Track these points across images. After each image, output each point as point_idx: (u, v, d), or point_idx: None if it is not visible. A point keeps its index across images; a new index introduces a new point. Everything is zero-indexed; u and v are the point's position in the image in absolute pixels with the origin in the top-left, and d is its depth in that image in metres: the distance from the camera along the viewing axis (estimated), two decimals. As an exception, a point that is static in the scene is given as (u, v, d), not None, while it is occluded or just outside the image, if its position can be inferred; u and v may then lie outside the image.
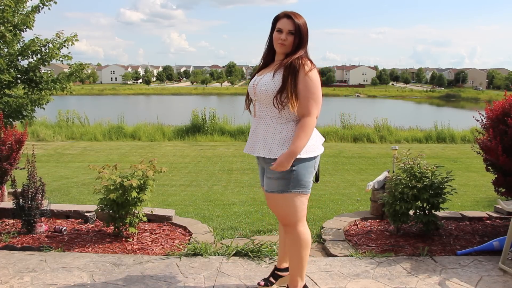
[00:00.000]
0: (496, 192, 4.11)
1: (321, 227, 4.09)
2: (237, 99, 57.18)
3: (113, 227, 3.76)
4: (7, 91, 7.94)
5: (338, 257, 3.40)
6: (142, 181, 3.63)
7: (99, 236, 3.80)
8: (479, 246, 3.51)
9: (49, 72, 8.45)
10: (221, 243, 3.66)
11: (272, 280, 2.83)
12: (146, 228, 4.00)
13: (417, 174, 3.74)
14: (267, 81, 2.45)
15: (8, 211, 4.19)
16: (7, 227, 4.00)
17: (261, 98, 2.47)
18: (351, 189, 7.27)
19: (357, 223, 4.27)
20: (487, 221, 4.34)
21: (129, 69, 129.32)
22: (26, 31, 7.73)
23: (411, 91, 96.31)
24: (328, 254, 3.52)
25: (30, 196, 3.78)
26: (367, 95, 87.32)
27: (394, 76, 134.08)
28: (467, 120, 13.71)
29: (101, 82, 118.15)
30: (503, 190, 3.99)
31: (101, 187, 3.65)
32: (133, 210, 3.67)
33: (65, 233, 3.83)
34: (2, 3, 7.09)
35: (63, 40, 8.08)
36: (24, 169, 4.02)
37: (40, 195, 3.83)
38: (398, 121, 18.19)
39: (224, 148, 13.18)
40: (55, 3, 7.89)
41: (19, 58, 7.80)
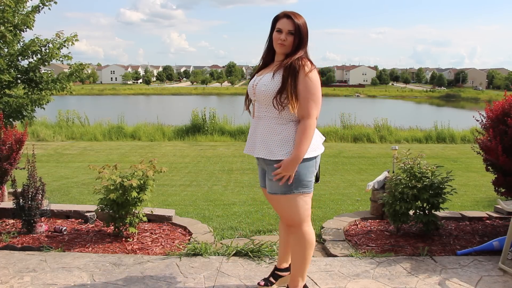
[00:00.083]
0: (496, 192, 4.11)
1: (321, 227, 4.09)
2: (237, 99, 57.17)
3: (113, 227, 3.76)
4: (7, 91, 7.93)
5: (338, 257, 3.40)
6: (142, 181, 3.63)
7: (99, 236, 3.80)
8: (479, 246, 3.51)
9: (49, 72, 8.44)
10: (221, 243, 3.66)
11: (272, 280, 2.83)
12: (146, 228, 4.00)
13: (417, 174, 3.74)
14: (267, 82, 2.44)
15: (8, 211, 4.19)
16: (7, 227, 4.00)
17: (261, 98, 2.46)
18: (351, 189, 7.27)
19: (357, 223, 4.27)
20: (487, 221, 4.34)
21: (129, 69, 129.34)
22: (26, 31, 7.72)
23: (411, 91, 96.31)
24: (328, 254, 3.53)
25: (30, 196, 3.78)
26: (367, 95, 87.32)
27: (394, 76, 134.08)
28: (467, 120, 13.72)
29: (101, 82, 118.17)
30: (503, 190, 3.99)
31: (101, 187, 3.65)
32: (133, 210, 3.67)
33: (65, 233, 3.83)
34: (2, 3, 7.08)
35: (63, 40, 8.07)
36: (24, 169, 4.02)
37: (40, 195, 3.83)
38: (398, 121, 18.20)
39: (224, 148, 13.18)
40: (55, 3, 7.89)
41: (19, 58, 7.79)
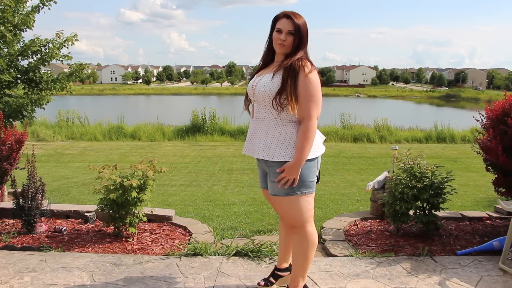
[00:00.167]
0: (496, 192, 4.11)
1: (321, 227, 4.09)
2: (237, 99, 57.16)
3: (113, 227, 3.76)
4: (7, 91, 7.94)
5: (338, 257, 3.40)
6: (142, 181, 3.63)
7: (99, 236, 3.80)
8: (479, 246, 3.51)
9: (49, 72, 8.45)
10: (221, 243, 3.66)
11: (272, 280, 2.83)
12: (146, 228, 4.00)
13: (417, 174, 3.73)
14: (266, 83, 2.42)
15: (8, 211, 4.19)
16: (7, 227, 4.00)
17: (260, 99, 2.45)
18: (351, 189, 7.27)
19: (357, 223, 4.27)
20: (487, 221, 4.34)
21: (129, 69, 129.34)
22: (26, 31, 7.73)
23: (411, 91, 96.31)
24: (328, 254, 3.52)
25: (30, 196, 3.78)
26: (367, 95, 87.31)
27: (394, 76, 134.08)
28: (467, 120, 13.71)
29: (101, 82, 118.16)
30: (503, 190, 3.99)
31: (101, 187, 3.65)
32: (133, 210, 3.67)
33: (65, 233, 3.83)
34: (2, 3, 7.08)
35: (63, 40, 8.08)
36: (24, 169, 4.02)
37: (40, 195, 3.83)
38: (398, 121, 18.20)
39: (224, 148, 13.18)
40: (55, 3, 7.90)
41: (19, 58, 7.80)
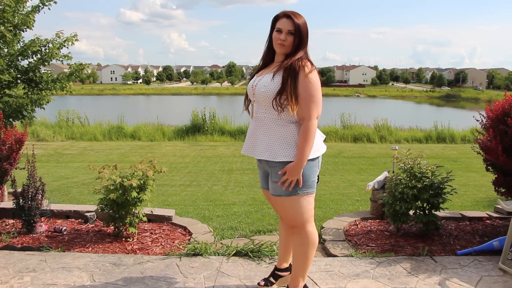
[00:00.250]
0: (496, 192, 4.11)
1: (321, 227, 4.09)
2: (237, 99, 57.16)
3: (113, 227, 3.76)
4: (7, 91, 7.94)
5: (338, 257, 3.40)
6: (142, 181, 3.63)
7: (99, 236, 3.80)
8: (479, 246, 3.51)
9: (49, 72, 8.45)
10: (221, 243, 3.66)
11: (272, 280, 2.83)
12: (146, 228, 4.00)
13: (417, 174, 3.73)
14: (266, 83, 2.42)
15: (8, 211, 4.19)
16: (7, 227, 4.00)
17: (260, 99, 2.44)
18: (351, 189, 7.27)
19: (357, 223, 4.27)
20: (487, 221, 4.34)
21: (129, 69, 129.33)
22: (26, 31, 7.73)
23: (411, 91, 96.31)
24: (328, 254, 3.52)
25: (30, 196, 3.78)
26: (367, 95, 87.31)
27: (394, 76, 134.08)
28: (467, 120, 13.71)
29: (101, 82, 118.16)
30: (503, 190, 3.99)
31: (101, 187, 3.65)
32: (133, 210, 3.67)
33: (65, 233, 3.83)
34: (2, 3, 7.08)
35: (63, 40, 8.08)
36: (24, 169, 4.02)
37: (40, 195, 3.83)
38: (398, 121, 18.20)
39: (224, 148, 13.18)
40: (55, 3, 7.90)
41: (19, 58, 7.79)
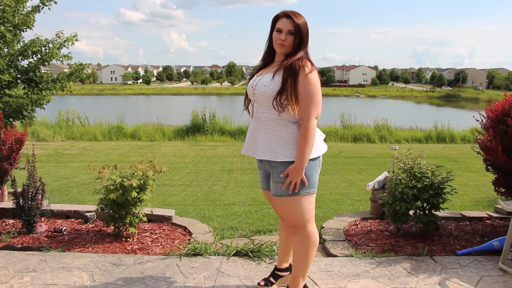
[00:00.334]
0: (496, 192, 4.11)
1: (321, 227, 4.09)
2: (237, 99, 57.16)
3: (113, 227, 3.76)
4: (7, 91, 7.94)
5: (338, 257, 3.40)
6: (142, 181, 3.63)
7: (99, 236, 3.80)
8: (479, 246, 3.51)
9: (49, 72, 8.44)
10: (221, 243, 3.66)
11: (272, 280, 2.83)
12: (146, 228, 4.00)
13: (417, 174, 3.73)
14: (267, 83, 2.41)
15: (8, 211, 4.19)
16: (7, 227, 4.00)
17: (260, 99, 2.44)
18: (351, 189, 7.27)
19: (357, 223, 4.27)
20: (487, 221, 4.34)
21: (129, 69, 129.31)
22: (26, 31, 7.71)
23: (411, 91, 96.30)
24: (328, 254, 3.52)
25: (30, 196, 3.78)
26: (367, 95, 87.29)
27: (394, 76, 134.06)
28: (467, 120, 13.72)
29: (101, 82, 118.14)
30: (503, 190, 3.99)
31: (101, 187, 3.65)
32: (133, 210, 3.67)
33: (65, 233, 3.83)
34: (2, 3, 7.08)
35: (63, 40, 8.07)
36: (24, 169, 4.02)
37: (40, 195, 3.83)
38: (398, 121, 18.20)
39: (224, 148, 13.18)
40: (55, 3, 7.89)
41: (19, 58, 7.79)
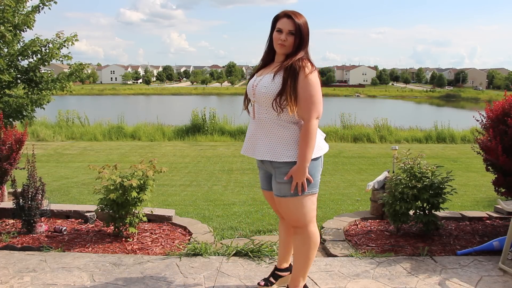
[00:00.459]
0: (496, 192, 4.11)
1: (321, 227, 4.09)
2: (237, 99, 57.14)
3: (113, 227, 3.76)
4: (7, 91, 7.94)
5: (338, 257, 3.40)
6: (142, 181, 3.63)
7: (99, 236, 3.80)
8: (479, 246, 3.51)
9: (49, 72, 8.45)
10: (221, 243, 3.66)
11: (272, 280, 2.83)
12: (146, 228, 4.00)
13: (417, 174, 3.73)
14: (267, 83, 2.40)
15: (8, 211, 4.18)
16: (7, 227, 4.00)
17: (261, 100, 2.43)
18: (351, 189, 7.27)
19: (357, 223, 4.27)
20: (487, 221, 4.34)
21: (129, 69, 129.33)
22: (26, 31, 7.73)
23: (411, 91, 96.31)
24: (328, 254, 3.52)
25: (30, 196, 3.78)
26: (367, 95, 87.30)
27: (394, 76, 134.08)
28: (467, 120, 13.73)
29: (101, 82, 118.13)
30: (503, 190, 3.99)
31: (101, 187, 3.65)
32: (133, 210, 3.67)
33: (65, 233, 3.83)
34: (2, 3, 7.08)
35: (63, 40, 8.08)
36: (24, 169, 4.02)
37: (40, 195, 3.83)
38: (398, 121, 18.20)
39: (224, 148, 13.18)
40: (55, 3, 7.90)
41: (19, 58, 7.80)
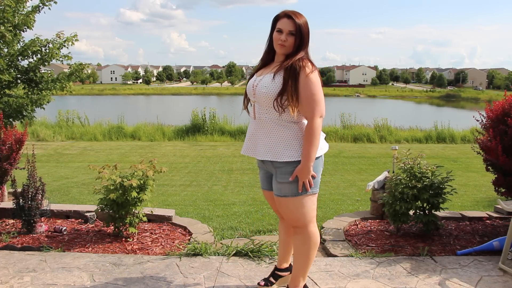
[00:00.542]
0: (496, 192, 4.11)
1: (321, 227, 4.09)
2: (237, 99, 57.11)
3: (113, 227, 3.76)
4: (7, 91, 7.94)
5: (338, 257, 3.40)
6: (142, 181, 3.63)
7: (99, 236, 3.80)
8: (479, 246, 3.51)
9: (49, 72, 8.45)
10: (221, 243, 3.66)
11: (272, 280, 2.83)
12: (146, 228, 4.00)
13: (417, 174, 3.73)
14: (267, 83, 2.40)
15: (8, 211, 4.18)
16: (7, 227, 4.00)
17: (261, 100, 2.42)
18: (351, 189, 7.27)
19: (357, 223, 4.27)
20: (487, 221, 4.34)
21: (129, 69, 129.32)
22: (26, 31, 7.73)
23: (411, 91, 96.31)
24: (328, 254, 3.52)
25: (30, 196, 3.78)
26: (367, 95, 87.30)
27: (394, 76, 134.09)
28: (467, 120, 13.73)
29: (101, 82, 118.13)
30: (503, 190, 3.99)
31: (101, 187, 3.65)
32: (133, 210, 3.67)
33: (65, 233, 3.83)
34: (2, 3, 7.08)
35: (63, 40, 8.08)
36: (24, 169, 4.02)
37: (40, 195, 3.83)
38: (398, 121, 18.20)
39: (224, 148, 13.18)
40: (55, 3, 7.90)
41: (19, 58, 7.80)
